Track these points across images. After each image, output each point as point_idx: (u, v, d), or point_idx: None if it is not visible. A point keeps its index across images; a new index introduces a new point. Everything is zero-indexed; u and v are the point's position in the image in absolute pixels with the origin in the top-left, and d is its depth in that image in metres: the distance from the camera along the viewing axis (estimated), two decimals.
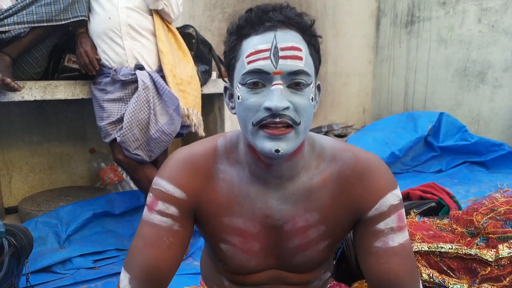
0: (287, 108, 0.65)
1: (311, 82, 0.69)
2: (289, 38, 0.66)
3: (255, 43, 0.66)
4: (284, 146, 0.66)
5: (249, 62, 0.66)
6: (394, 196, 0.76)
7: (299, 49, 0.66)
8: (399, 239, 0.74)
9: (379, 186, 0.76)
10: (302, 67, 0.66)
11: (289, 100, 0.65)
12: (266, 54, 0.65)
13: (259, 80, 0.66)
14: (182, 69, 1.84)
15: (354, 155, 0.79)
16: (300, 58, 0.66)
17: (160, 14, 1.78)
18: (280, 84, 0.65)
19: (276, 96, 0.64)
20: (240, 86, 0.68)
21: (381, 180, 0.76)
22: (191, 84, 1.88)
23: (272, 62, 0.64)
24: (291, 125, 0.66)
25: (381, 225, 0.75)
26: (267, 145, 0.66)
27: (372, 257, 0.76)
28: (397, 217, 0.75)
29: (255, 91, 0.66)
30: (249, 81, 0.66)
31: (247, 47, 0.67)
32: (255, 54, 0.65)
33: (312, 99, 0.69)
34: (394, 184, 0.77)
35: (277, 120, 0.64)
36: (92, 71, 1.70)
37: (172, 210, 0.75)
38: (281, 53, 0.65)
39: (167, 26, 1.83)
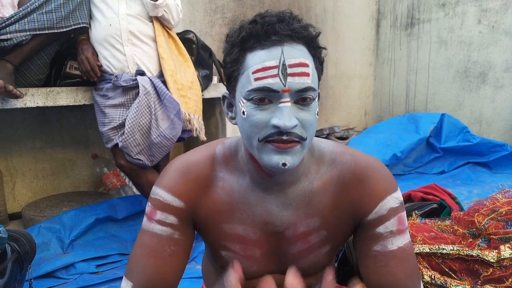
0: (295, 126, 0.64)
1: (316, 96, 0.68)
2: (297, 54, 0.64)
3: (262, 59, 0.64)
4: (290, 159, 0.65)
5: (256, 79, 0.64)
6: (394, 199, 0.75)
7: (306, 65, 0.65)
8: (399, 242, 0.74)
9: (378, 189, 0.75)
10: (309, 83, 0.65)
11: (297, 117, 0.64)
12: (274, 71, 0.63)
13: (267, 96, 0.64)
14: (182, 75, 1.85)
15: (354, 158, 0.78)
16: (307, 75, 0.65)
17: (160, 21, 1.79)
18: (288, 101, 0.64)
19: (285, 115, 0.63)
20: (244, 101, 0.67)
21: (381, 183, 0.76)
22: (192, 89, 1.89)
23: (280, 80, 0.63)
24: (297, 141, 0.65)
25: (381, 229, 0.75)
26: (274, 158, 0.65)
27: (370, 260, 0.76)
28: (397, 220, 0.75)
29: (261, 107, 0.65)
30: (256, 98, 0.65)
31: (252, 62, 0.65)
32: (262, 71, 0.64)
33: (317, 113, 0.69)
34: (394, 186, 0.77)
35: (285, 137, 0.64)
36: (93, 78, 1.72)
37: (171, 219, 0.76)
38: (289, 70, 0.63)
39: (167, 32, 1.85)
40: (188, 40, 2.08)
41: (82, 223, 1.95)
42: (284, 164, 0.65)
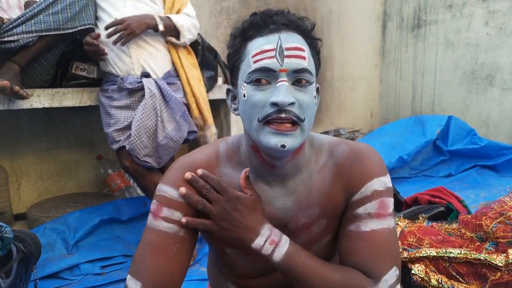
0: (293, 103, 0.67)
1: (314, 81, 0.72)
2: (293, 39, 0.70)
3: (260, 44, 0.69)
4: (290, 141, 0.67)
5: (255, 61, 0.69)
6: (380, 182, 0.77)
7: (302, 49, 0.69)
8: (374, 225, 0.75)
9: (366, 171, 0.78)
10: (306, 65, 0.69)
11: (294, 96, 0.68)
12: (272, 53, 0.68)
13: (265, 77, 0.68)
14: (203, 90, 1.93)
15: (348, 146, 0.82)
16: (303, 58, 0.69)
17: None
18: (286, 81, 0.68)
19: (282, 92, 0.66)
20: (245, 84, 0.71)
21: (369, 165, 0.78)
22: (208, 102, 1.96)
23: (278, 60, 0.67)
24: (296, 122, 0.68)
25: (360, 210, 0.77)
26: (273, 140, 0.67)
27: (343, 239, 0.78)
28: (378, 203, 0.76)
29: (261, 88, 0.69)
30: (255, 78, 0.69)
31: (252, 48, 0.70)
32: (261, 54, 0.68)
33: (314, 97, 0.72)
34: (383, 171, 0.79)
35: (283, 115, 0.67)
36: (101, 54, 1.69)
37: (177, 215, 0.76)
38: (286, 53, 0.68)
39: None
40: (194, 42, 2.08)
41: (87, 224, 1.95)
42: (283, 146, 0.67)
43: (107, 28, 1.65)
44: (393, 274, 0.74)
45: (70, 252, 1.86)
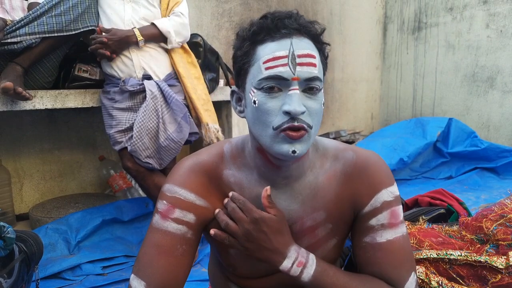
0: (304, 112, 0.67)
1: (322, 87, 0.72)
2: (304, 46, 0.69)
3: (272, 49, 0.68)
4: (299, 147, 0.68)
5: (267, 68, 0.68)
6: (388, 193, 0.78)
7: (313, 56, 0.69)
8: (388, 235, 0.77)
9: (374, 182, 0.79)
10: (316, 73, 0.69)
11: (304, 104, 0.68)
12: (285, 60, 0.67)
13: (277, 85, 0.68)
14: (201, 87, 1.91)
15: (355, 153, 0.82)
16: (314, 65, 0.68)
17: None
18: (297, 89, 0.67)
19: (295, 101, 0.66)
20: (255, 90, 0.70)
21: (377, 176, 0.79)
22: (209, 100, 1.94)
23: (290, 68, 0.67)
24: (306, 129, 0.68)
25: (373, 221, 0.78)
26: (285, 147, 0.68)
27: (360, 251, 0.79)
28: (389, 214, 0.77)
29: (272, 95, 0.68)
30: (267, 86, 0.68)
31: (263, 53, 0.69)
32: (273, 61, 0.67)
33: (323, 103, 0.73)
34: (390, 180, 0.80)
35: (296, 124, 0.67)
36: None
37: (190, 217, 0.76)
38: (298, 60, 0.67)
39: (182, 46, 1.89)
40: (195, 44, 2.09)
41: (89, 225, 1.96)
42: (294, 152, 0.68)
43: (92, 39, 1.68)
44: (412, 280, 0.77)
45: (71, 252, 1.87)
